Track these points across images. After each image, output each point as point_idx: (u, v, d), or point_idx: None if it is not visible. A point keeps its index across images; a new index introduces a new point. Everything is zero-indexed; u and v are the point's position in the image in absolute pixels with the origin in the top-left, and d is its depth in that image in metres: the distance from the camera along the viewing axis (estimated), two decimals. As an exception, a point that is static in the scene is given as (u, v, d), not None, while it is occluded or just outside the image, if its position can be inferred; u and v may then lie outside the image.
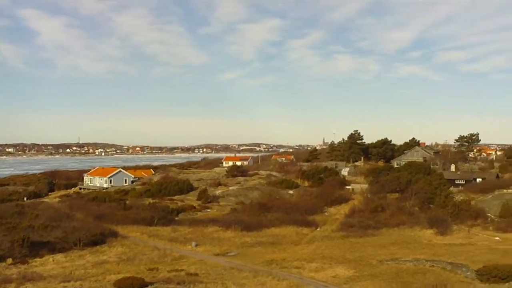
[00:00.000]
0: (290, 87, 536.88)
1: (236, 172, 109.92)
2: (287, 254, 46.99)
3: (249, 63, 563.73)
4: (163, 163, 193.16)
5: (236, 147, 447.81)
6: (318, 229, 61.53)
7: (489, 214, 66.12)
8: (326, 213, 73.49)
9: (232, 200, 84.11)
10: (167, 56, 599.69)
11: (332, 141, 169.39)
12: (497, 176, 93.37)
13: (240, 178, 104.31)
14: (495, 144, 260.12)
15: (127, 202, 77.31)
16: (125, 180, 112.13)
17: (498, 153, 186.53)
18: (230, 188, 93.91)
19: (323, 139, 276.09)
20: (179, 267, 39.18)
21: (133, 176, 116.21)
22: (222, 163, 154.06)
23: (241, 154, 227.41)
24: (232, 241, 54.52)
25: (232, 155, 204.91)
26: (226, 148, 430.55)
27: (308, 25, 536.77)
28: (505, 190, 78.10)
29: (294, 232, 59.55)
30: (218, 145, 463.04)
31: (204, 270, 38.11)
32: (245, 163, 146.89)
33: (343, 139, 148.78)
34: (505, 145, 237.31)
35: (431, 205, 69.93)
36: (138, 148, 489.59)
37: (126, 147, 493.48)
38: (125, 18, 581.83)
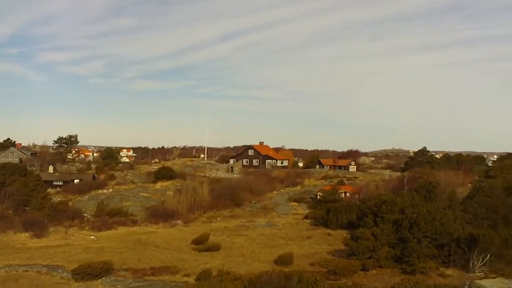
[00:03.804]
0: None
1: None
2: None
3: None
4: None
5: None
6: None
7: (86, 214, 68.31)
8: None
9: None
10: None
11: None
12: (94, 177, 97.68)
13: None
14: (93, 146, 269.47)
15: None
16: None
17: (95, 154, 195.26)
18: None
19: None
20: None
21: None
22: None
23: None
24: None
25: None
26: None
27: None
28: (100, 191, 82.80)
29: None
30: None
31: None
32: None
33: None
34: (101, 147, 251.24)
35: (27, 208, 67.70)
36: None
37: None
38: None
